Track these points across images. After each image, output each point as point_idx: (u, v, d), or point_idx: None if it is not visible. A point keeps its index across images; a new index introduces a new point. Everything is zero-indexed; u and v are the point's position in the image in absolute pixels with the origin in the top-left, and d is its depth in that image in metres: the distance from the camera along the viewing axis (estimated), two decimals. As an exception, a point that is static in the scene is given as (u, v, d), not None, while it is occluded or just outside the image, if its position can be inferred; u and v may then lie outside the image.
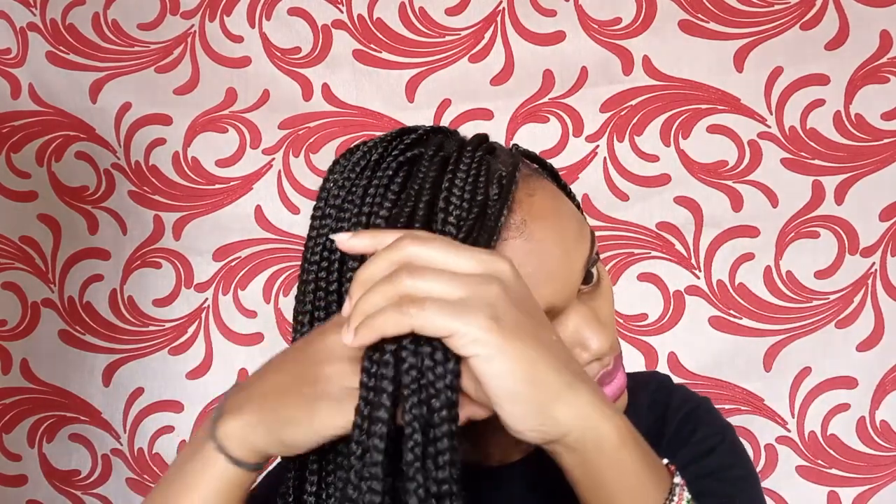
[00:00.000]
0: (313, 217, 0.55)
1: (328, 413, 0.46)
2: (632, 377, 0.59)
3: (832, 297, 1.18)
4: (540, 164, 0.60)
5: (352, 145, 0.57)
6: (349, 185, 0.53)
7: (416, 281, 0.42)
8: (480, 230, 0.48)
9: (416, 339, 0.42)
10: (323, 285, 0.52)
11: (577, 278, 0.53)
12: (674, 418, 0.65)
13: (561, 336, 0.52)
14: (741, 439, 0.68)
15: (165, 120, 1.26)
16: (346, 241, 0.46)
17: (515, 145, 0.60)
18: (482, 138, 0.56)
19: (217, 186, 1.26)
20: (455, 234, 0.48)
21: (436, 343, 0.42)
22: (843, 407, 1.19)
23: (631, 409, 0.62)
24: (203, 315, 1.26)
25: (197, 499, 0.49)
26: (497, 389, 0.42)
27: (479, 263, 0.43)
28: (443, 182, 0.51)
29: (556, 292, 0.51)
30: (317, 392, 0.46)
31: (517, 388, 0.42)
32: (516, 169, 0.53)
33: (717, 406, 0.71)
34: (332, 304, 0.51)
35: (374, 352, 0.43)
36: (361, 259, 0.49)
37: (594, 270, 0.55)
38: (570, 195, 0.59)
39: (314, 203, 0.56)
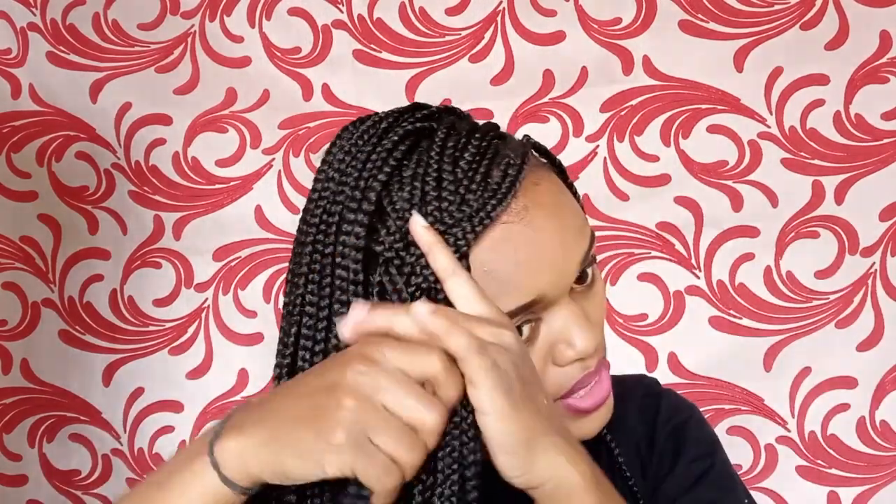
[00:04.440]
0: (316, 180, 0.55)
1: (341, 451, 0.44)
2: (619, 383, 0.58)
3: (832, 297, 1.18)
4: (549, 159, 0.60)
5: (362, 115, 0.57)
6: (355, 151, 0.53)
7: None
8: (483, 206, 0.49)
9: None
10: (320, 248, 0.52)
11: (573, 273, 0.53)
12: (663, 430, 0.66)
13: (547, 331, 0.53)
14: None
15: (165, 120, 1.26)
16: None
17: (527, 136, 0.60)
18: (494, 125, 0.57)
19: (217, 186, 1.26)
20: (453, 209, 0.49)
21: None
22: (843, 407, 1.19)
23: (621, 417, 0.62)
24: (203, 315, 1.26)
25: None
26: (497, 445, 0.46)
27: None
28: (450, 157, 0.51)
29: (550, 283, 0.51)
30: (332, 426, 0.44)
31: (515, 448, 0.46)
32: (526, 156, 0.53)
33: (717, 406, 0.71)
34: (326, 266, 0.51)
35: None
36: (366, 226, 0.50)
37: (589, 271, 0.55)
38: (575, 193, 0.59)
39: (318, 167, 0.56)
